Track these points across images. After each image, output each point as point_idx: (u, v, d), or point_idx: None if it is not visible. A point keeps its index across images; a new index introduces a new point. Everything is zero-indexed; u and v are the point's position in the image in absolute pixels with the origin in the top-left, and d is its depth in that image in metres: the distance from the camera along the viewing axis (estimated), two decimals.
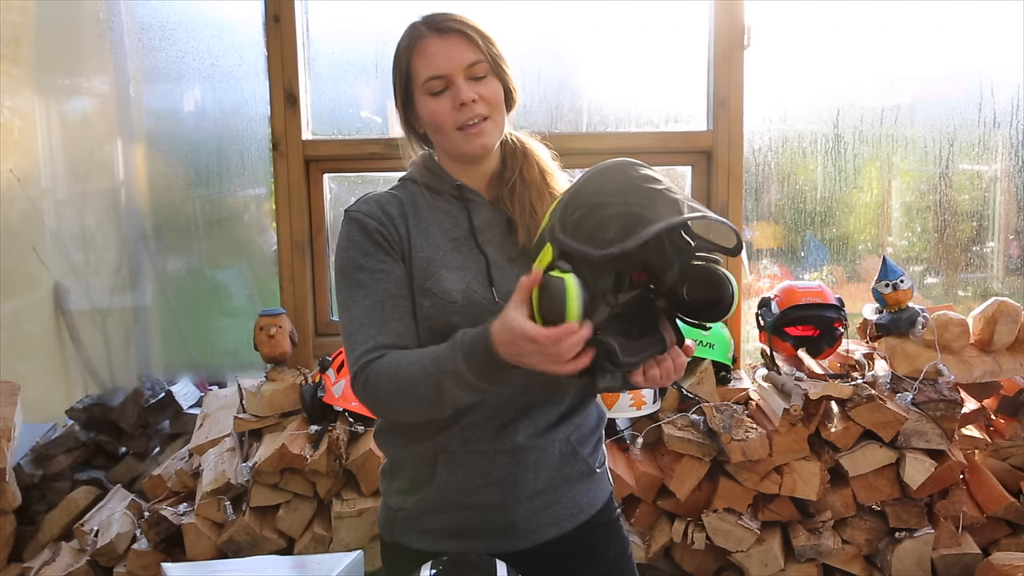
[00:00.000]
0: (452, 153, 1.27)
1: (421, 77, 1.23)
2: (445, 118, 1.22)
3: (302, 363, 2.61)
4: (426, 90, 1.23)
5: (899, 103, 2.77)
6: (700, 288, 1.10)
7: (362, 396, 1.19)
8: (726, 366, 2.46)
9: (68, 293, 2.79)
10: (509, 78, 1.27)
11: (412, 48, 1.24)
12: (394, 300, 1.21)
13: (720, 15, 2.55)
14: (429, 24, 1.24)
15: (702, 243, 1.12)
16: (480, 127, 1.23)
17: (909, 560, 2.24)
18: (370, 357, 1.17)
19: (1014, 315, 2.37)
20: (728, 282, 1.09)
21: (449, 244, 1.24)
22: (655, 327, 1.12)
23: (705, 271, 1.11)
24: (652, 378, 1.11)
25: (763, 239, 2.83)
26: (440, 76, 1.21)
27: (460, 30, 1.23)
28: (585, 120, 2.70)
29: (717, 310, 1.10)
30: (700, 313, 1.12)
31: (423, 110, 1.25)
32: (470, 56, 1.22)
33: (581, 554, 1.33)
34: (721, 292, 1.09)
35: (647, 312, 1.14)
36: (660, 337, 1.11)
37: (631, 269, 1.12)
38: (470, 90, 1.21)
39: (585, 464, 1.31)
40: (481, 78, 1.23)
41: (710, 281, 1.10)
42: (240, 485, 2.22)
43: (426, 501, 1.27)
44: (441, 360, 1.11)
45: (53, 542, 2.37)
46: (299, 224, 2.64)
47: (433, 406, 1.14)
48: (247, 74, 2.69)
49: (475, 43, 1.23)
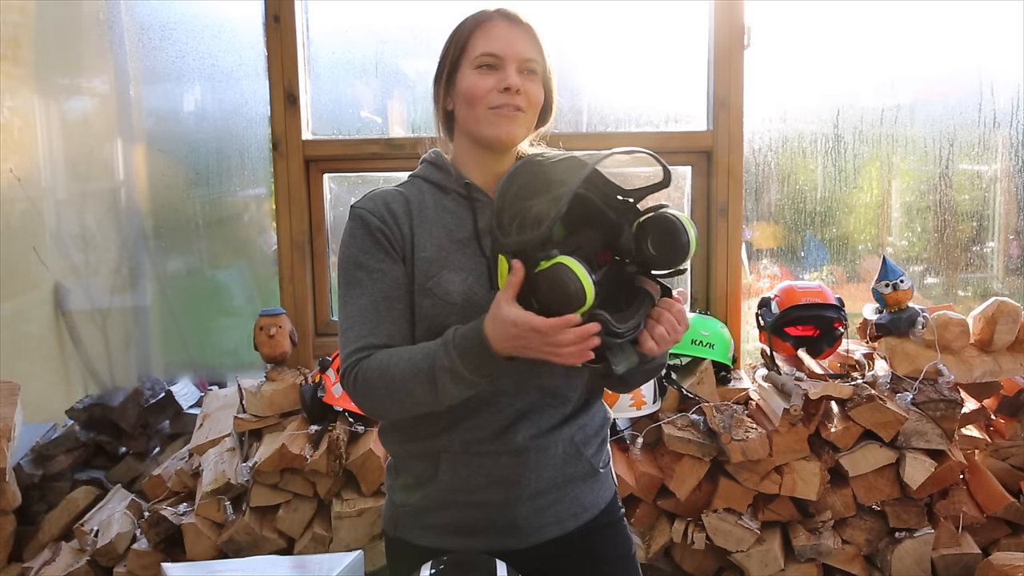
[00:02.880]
0: (475, 133, 1.25)
1: (476, 50, 1.23)
2: (483, 93, 1.22)
3: (302, 363, 2.61)
4: (475, 63, 1.23)
5: (899, 103, 2.77)
6: (660, 238, 1.11)
7: (351, 393, 1.21)
8: (726, 366, 2.46)
9: (68, 293, 2.79)
10: (552, 92, 1.29)
11: (477, 25, 1.25)
12: (388, 302, 1.22)
13: (720, 15, 2.55)
14: (501, 12, 1.26)
15: (640, 193, 1.14)
16: (514, 115, 1.23)
17: (909, 560, 2.24)
18: (359, 356, 1.19)
19: (1014, 315, 2.37)
20: (678, 222, 1.10)
21: (453, 245, 1.24)
22: (636, 290, 1.13)
23: (657, 220, 1.12)
24: (660, 336, 1.11)
25: (763, 239, 2.83)
26: (495, 55, 1.22)
27: (531, 27, 1.25)
28: (585, 120, 2.70)
29: (679, 252, 1.11)
30: (667, 262, 1.13)
31: (464, 82, 1.24)
32: (530, 52, 1.24)
33: (584, 554, 1.33)
34: (676, 235, 1.10)
35: (624, 283, 1.15)
36: (644, 293, 1.12)
37: (594, 251, 1.14)
38: (518, 80, 1.22)
39: (589, 464, 1.32)
40: (531, 75, 1.24)
41: (664, 228, 1.11)
42: (240, 485, 2.22)
43: (429, 498, 1.28)
44: (434, 357, 1.12)
45: (53, 542, 2.37)
46: (299, 224, 2.64)
47: (427, 403, 1.15)
48: (247, 74, 2.69)
49: (538, 43, 1.25)
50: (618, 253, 1.15)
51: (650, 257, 1.13)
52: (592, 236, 1.14)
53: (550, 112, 1.31)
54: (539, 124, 1.31)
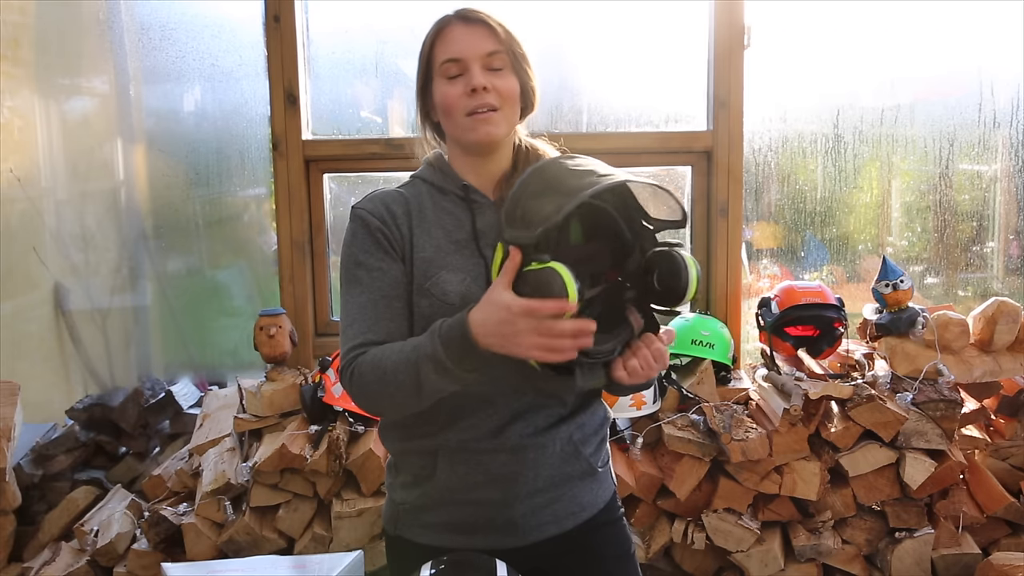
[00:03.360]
0: (459, 140, 1.27)
1: (439, 58, 1.24)
2: (456, 102, 1.23)
3: (302, 363, 2.61)
4: (442, 73, 1.24)
5: (899, 103, 2.77)
6: (664, 275, 1.11)
7: (349, 389, 1.22)
8: (726, 366, 2.46)
9: (68, 293, 2.79)
10: (530, 78, 1.28)
11: (437, 33, 1.26)
12: (387, 300, 1.22)
13: (720, 15, 2.55)
14: (458, 14, 1.26)
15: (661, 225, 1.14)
16: (488, 116, 1.23)
17: (909, 560, 2.24)
18: (357, 352, 1.20)
19: (1014, 315, 2.37)
20: (683, 264, 1.10)
21: (451, 246, 1.24)
22: (625, 317, 1.13)
23: (666, 256, 1.12)
24: (633, 369, 1.13)
25: (763, 239, 2.83)
26: (456, 60, 1.23)
27: (485, 21, 1.25)
28: (585, 120, 2.69)
29: (676, 293, 1.11)
30: (666, 300, 1.13)
31: (437, 93, 1.26)
32: (489, 46, 1.24)
33: (583, 552, 1.33)
34: (677, 276, 1.10)
35: (616, 307, 1.15)
36: (627, 323, 1.12)
37: (604, 266, 1.13)
38: (484, 78, 1.22)
39: (587, 463, 1.32)
40: (498, 70, 1.24)
41: (670, 265, 1.11)
42: (240, 485, 2.22)
43: (428, 496, 1.28)
44: (420, 347, 1.13)
45: (53, 542, 2.37)
46: (299, 224, 2.64)
47: (412, 394, 1.15)
48: (247, 74, 2.69)
49: (496, 34, 1.24)
50: (624, 275, 1.15)
51: (652, 290, 1.13)
52: (605, 251, 1.14)
53: (533, 96, 1.30)
54: (525, 111, 1.30)
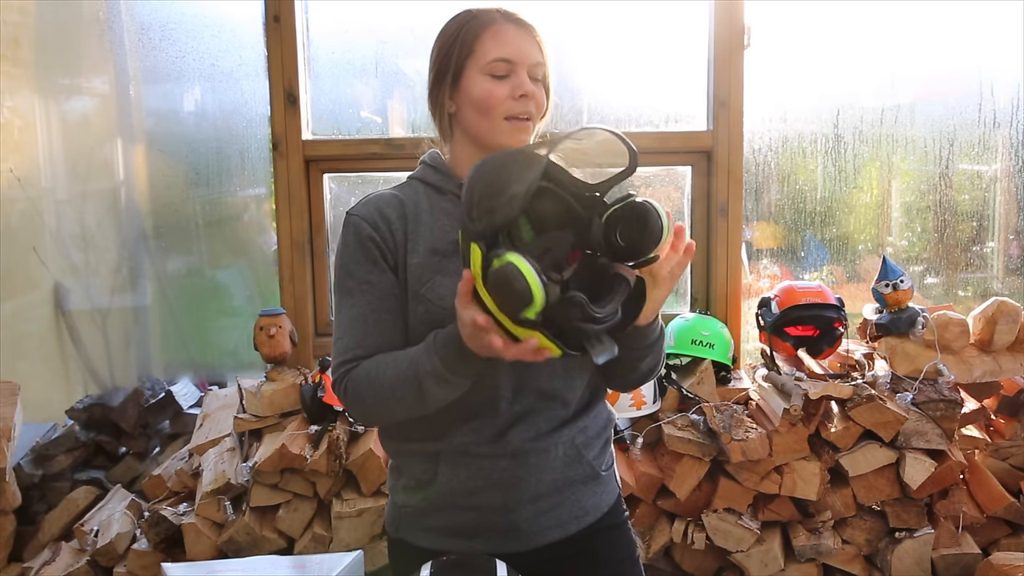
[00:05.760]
0: (485, 140, 1.25)
1: (488, 56, 1.22)
2: (499, 103, 1.22)
3: (302, 363, 2.61)
4: (488, 70, 1.22)
5: (899, 103, 2.77)
6: (630, 227, 1.08)
7: (344, 403, 1.23)
8: (726, 366, 2.46)
9: (68, 293, 2.79)
10: (551, 95, 1.29)
11: (485, 27, 1.23)
12: (376, 314, 1.22)
13: (720, 15, 2.55)
14: (505, 14, 1.25)
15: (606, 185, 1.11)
16: (526, 124, 1.24)
17: (909, 560, 2.24)
18: (347, 367, 1.21)
19: (1014, 315, 2.37)
20: (650, 207, 1.07)
21: (448, 247, 1.24)
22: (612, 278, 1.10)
23: (626, 209, 1.09)
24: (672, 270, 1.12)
25: (763, 239, 2.83)
26: (509, 61, 1.22)
27: (536, 29, 1.25)
28: (585, 120, 2.69)
29: (651, 237, 1.07)
30: (638, 251, 1.09)
31: (475, 88, 1.23)
32: (538, 56, 1.24)
33: (587, 557, 1.32)
34: (647, 220, 1.07)
35: (598, 274, 1.12)
36: (620, 279, 1.09)
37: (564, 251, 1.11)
38: (531, 86, 1.23)
39: (590, 467, 1.30)
40: (538, 80, 1.25)
41: (634, 216, 1.08)
42: (240, 485, 2.22)
43: (429, 500, 1.28)
44: (418, 362, 1.13)
45: (53, 542, 2.37)
46: (299, 224, 2.64)
47: (415, 408, 1.16)
48: (247, 74, 2.69)
49: (542, 48, 1.26)
50: (589, 248, 1.12)
51: (619, 248, 1.10)
52: (561, 236, 1.10)
53: (547, 113, 1.31)
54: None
